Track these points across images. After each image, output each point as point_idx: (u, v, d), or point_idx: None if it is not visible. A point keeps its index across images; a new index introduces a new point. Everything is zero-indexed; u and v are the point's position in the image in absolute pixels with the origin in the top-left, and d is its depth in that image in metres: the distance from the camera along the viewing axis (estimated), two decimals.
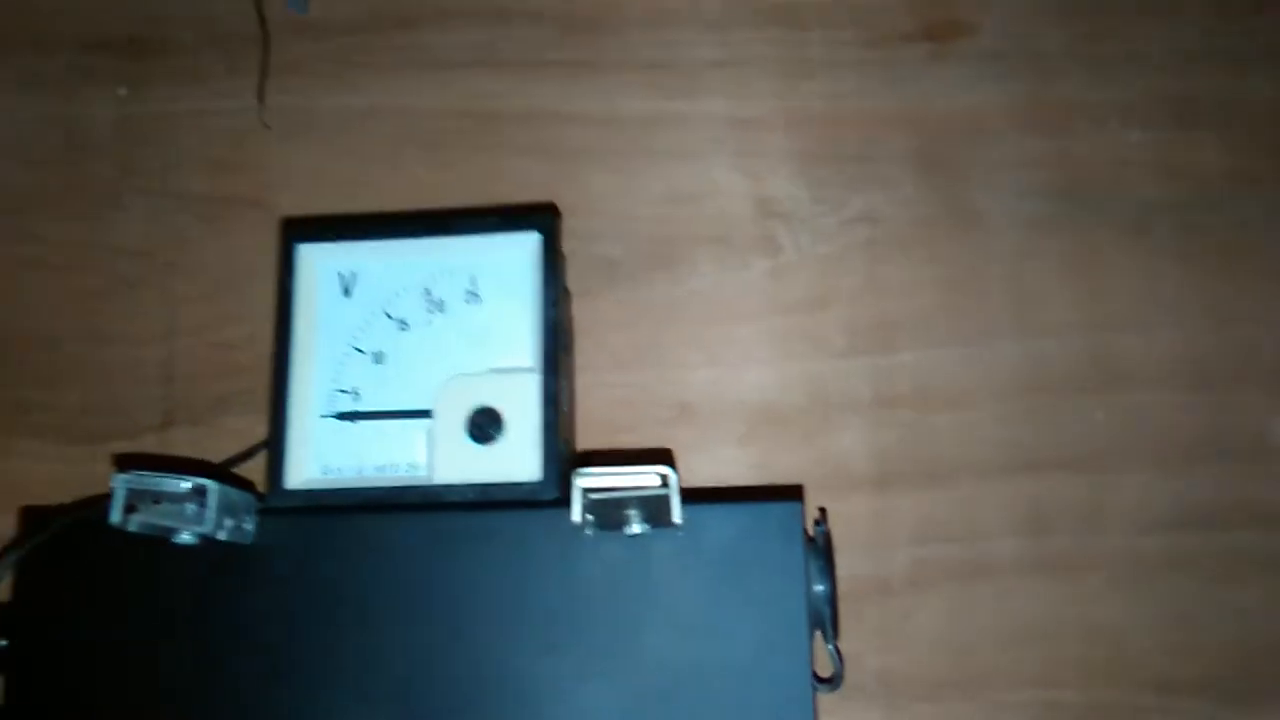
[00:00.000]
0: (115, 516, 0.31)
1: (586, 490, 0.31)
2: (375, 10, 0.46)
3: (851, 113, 0.44)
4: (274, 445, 0.36)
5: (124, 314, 0.44)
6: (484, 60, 0.46)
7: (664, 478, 0.31)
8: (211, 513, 0.32)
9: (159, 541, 0.33)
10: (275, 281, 0.41)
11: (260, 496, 0.35)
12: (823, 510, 0.37)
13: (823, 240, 0.43)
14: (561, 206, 0.43)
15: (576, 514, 0.31)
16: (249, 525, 0.34)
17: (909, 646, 0.40)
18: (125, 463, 0.41)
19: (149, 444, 0.43)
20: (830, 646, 0.35)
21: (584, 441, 0.41)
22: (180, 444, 0.43)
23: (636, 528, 0.33)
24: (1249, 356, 0.42)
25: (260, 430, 0.41)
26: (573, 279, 0.41)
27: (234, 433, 0.42)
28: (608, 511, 0.32)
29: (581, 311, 0.42)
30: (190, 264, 0.45)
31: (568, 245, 0.40)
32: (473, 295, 0.37)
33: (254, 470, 0.41)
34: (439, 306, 0.37)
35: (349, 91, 0.46)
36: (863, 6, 0.45)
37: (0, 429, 0.43)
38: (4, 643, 0.34)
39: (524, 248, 0.37)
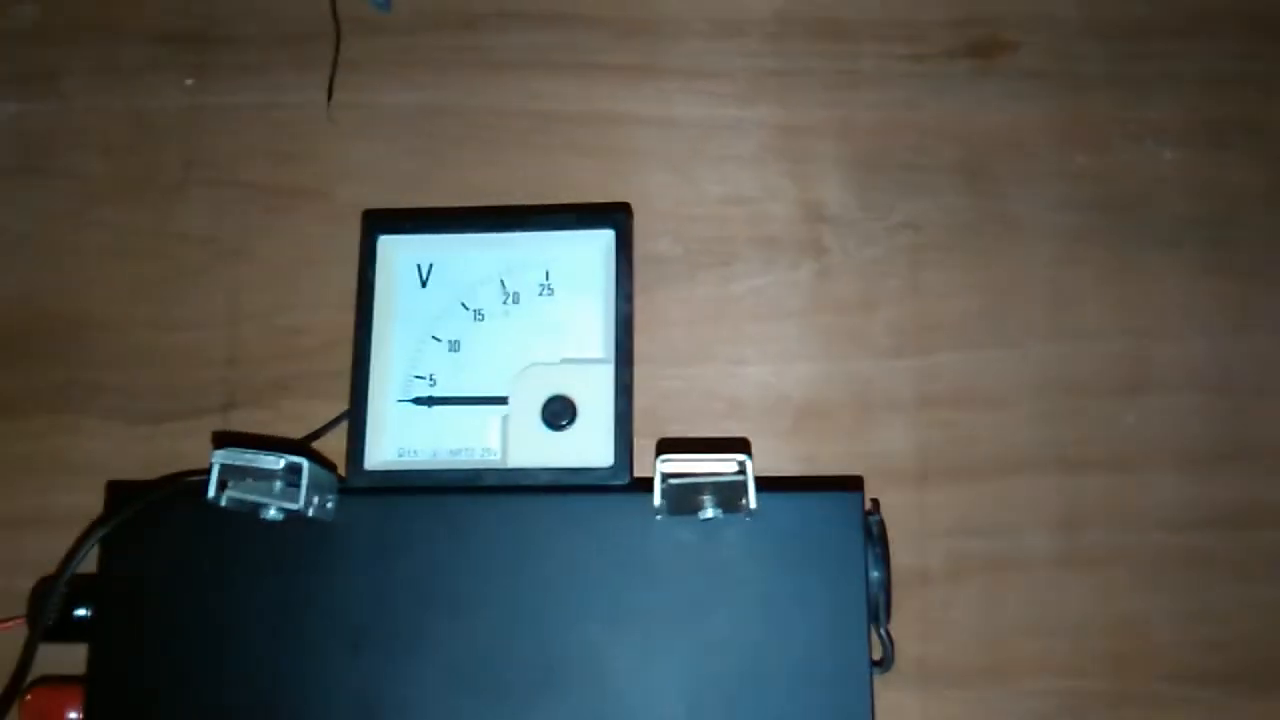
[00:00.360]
0: (211, 491, 0.33)
1: (667, 475, 0.32)
2: (438, 11, 0.48)
3: (898, 124, 0.46)
4: (354, 427, 0.37)
5: (189, 299, 0.45)
6: (542, 62, 0.47)
7: (742, 465, 0.32)
8: (303, 490, 0.33)
9: (243, 516, 0.34)
10: (344, 270, 0.43)
11: (340, 476, 0.37)
12: (875, 501, 0.39)
13: (869, 244, 0.45)
14: (619, 199, 0.45)
15: (657, 497, 0.33)
16: (331, 503, 0.36)
17: (946, 634, 0.42)
18: (221, 440, 0.42)
19: (211, 425, 0.44)
20: (883, 631, 0.37)
21: (636, 431, 0.42)
22: (242, 425, 0.44)
23: (710, 512, 0.34)
24: (1272, 364, 0.44)
25: (320, 413, 0.42)
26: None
27: (294, 415, 0.44)
28: (683, 496, 0.34)
29: (637, 307, 0.43)
30: (253, 251, 0.46)
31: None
32: (546, 288, 0.38)
33: (322, 447, 0.42)
34: (514, 298, 0.38)
35: (411, 89, 0.47)
36: (911, 23, 0.47)
37: (70, 409, 0.44)
38: (89, 613, 0.35)
39: (597, 244, 0.38)
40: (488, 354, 0.38)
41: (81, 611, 0.36)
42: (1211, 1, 0.47)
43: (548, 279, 0.38)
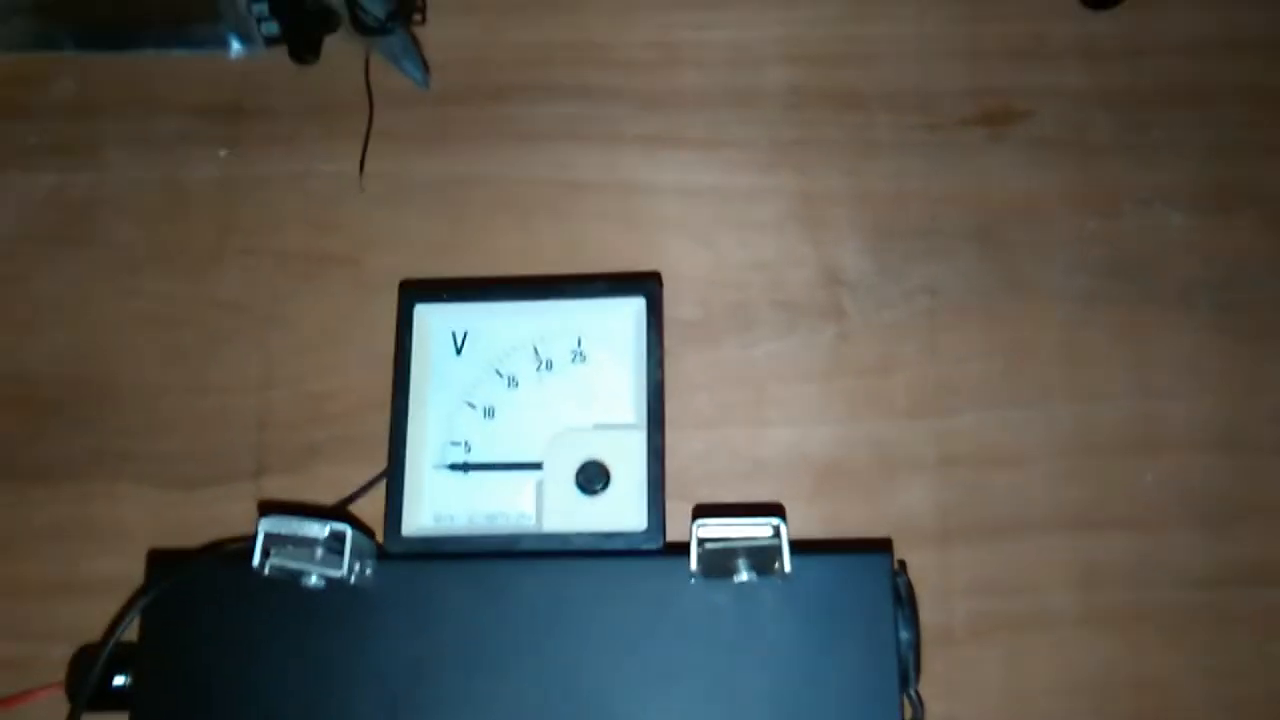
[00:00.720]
0: (256, 559, 0.33)
1: (703, 540, 0.33)
2: (468, 83, 0.49)
3: (914, 190, 0.48)
4: (391, 494, 0.38)
5: (221, 366, 0.46)
6: (569, 133, 0.49)
7: (776, 529, 0.33)
8: (346, 558, 0.34)
9: (282, 583, 0.35)
10: (374, 336, 0.44)
11: (378, 542, 0.37)
12: (902, 562, 0.39)
13: (887, 308, 0.46)
14: (646, 266, 0.46)
15: (694, 562, 0.33)
16: (370, 569, 0.36)
17: (971, 694, 0.42)
18: (264, 508, 0.42)
19: (243, 491, 0.45)
20: (912, 691, 0.37)
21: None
22: (273, 491, 0.45)
23: (744, 576, 0.35)
24: None
25: (351, 477, 0.43)
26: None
27: (325, 481, 0.44)
28: (718, 560, 0.34)
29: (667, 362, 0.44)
30: (285, 318, 0.47)
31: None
32: (579, 355, 0.39)
33: (354, 510, 0.43)
34: (547, 365, 0.39)
35: (441, 159, 0.48)
36: (924, 93, 0.49)
37: (103, 475, 0.45)
38: (127, 681, 0.36)
39: (629, 311, 0.39)
40: (522, 420, 0.39)
41: (120, 680, 0.37)
42: (1215, 72, 0.49)
43: (580, 346, 0.39)
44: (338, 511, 0.41)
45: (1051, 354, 0.46)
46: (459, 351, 0.39)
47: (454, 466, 0.39)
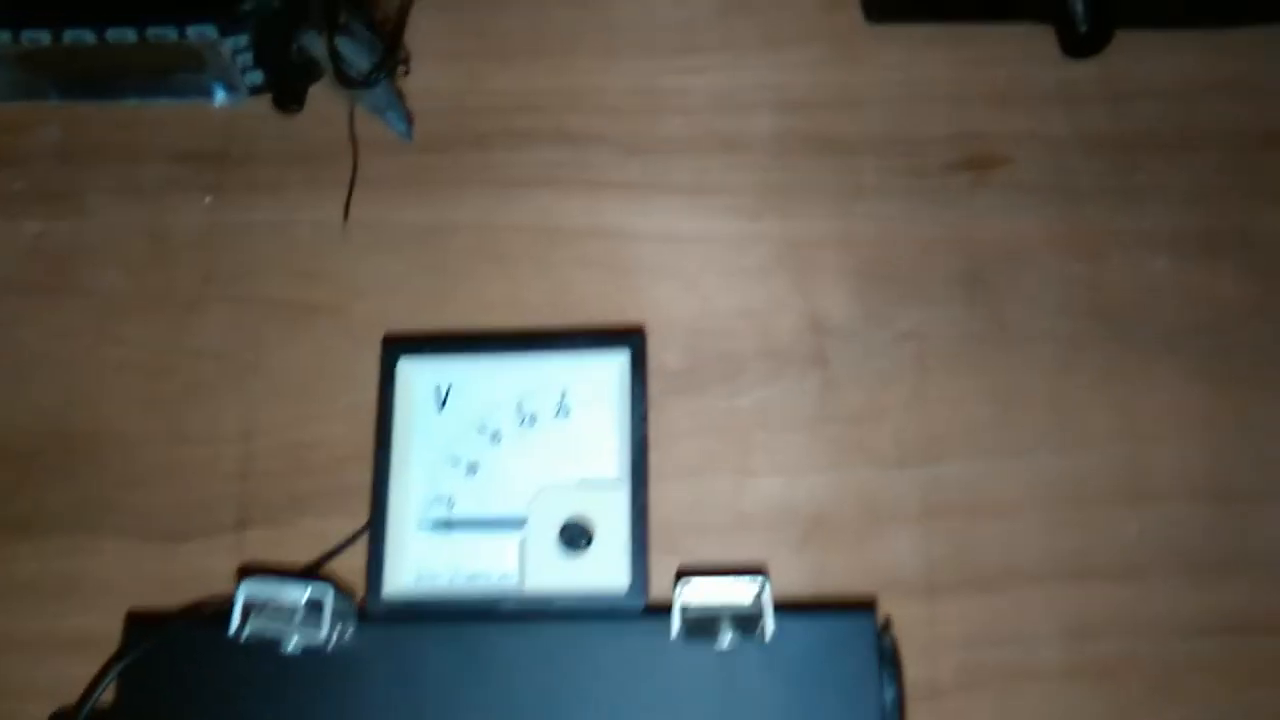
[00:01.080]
0: (234, 626, 0.33)
1: (686, 606, 0.33)
2: (452, 130, 0.49)
3: (901, 236, 0.47)
4: (372, 554, 0.37)
5: (203, 415, 0.46)
6: (553, 179, 0.49)
7: (759, 592, 0.33)
8: (325, 624, 0.33)
9: (263, 646, 0.35)
10: (357, 385, 0.44)
11: (357, 601, 0.37)
12: (887, 619, 0.39)
13: (873, 355, 0.46)
14: (626, 320, 0.46)
15: (676, 624, 0.33)
16: (350, 630, 0.36)
17: None
18: (246, 571, 0.42)
19: (226, 543, 0.44)
20: None
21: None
22: (256, 543, 0.44)
23: (728, 638, 0.34)
24: (1271, 470, 0.45)
25: (334, 529, 0.43)
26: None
27: (308, 533, 0.44)
28: (700, 623, 0.34)
29: (651, 415, 0.44)
30: (268, 367, 0.46)
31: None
32: (563, 409, 0.39)
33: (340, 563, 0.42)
34: (530, 420, 0.39)
35: (426, 207, 0.48)
36: (909, 138, 0.49)
37: (84, 528, 0.44)
38: None
39: (613, 365, 0.39)
40: (505, 476, 0.39)
41: None
42: (1197, 117, 0.49)
43: (564, 400, 0.39)
44: (318, 568, 0.41)
45: (1038, 400, 0.45)
46: (442, 406, 0.39)
47: (437, 524, 0.38)
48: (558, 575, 0.37)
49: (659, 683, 0.35)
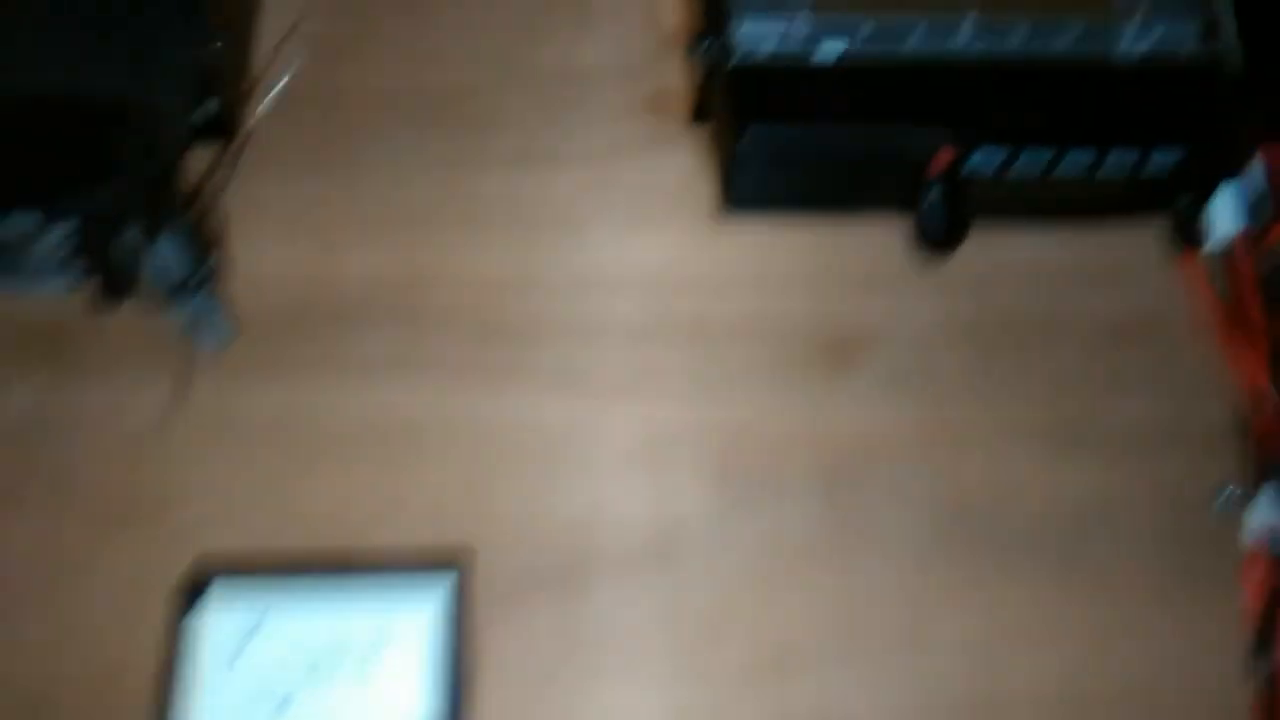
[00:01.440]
0: None
1: None
2: (296, 313, 0.47)
3: (759, 429, 0.46)
4: None
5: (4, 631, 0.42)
6: (402, 363, 0.47)
7: None
8: None
9: None
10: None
11: None
12: None
13: (727, 553, 0.44)
14: (470, 519, 0.44)
15: None
16: None
17: None
18: None
19: None
20: None
21: None
22: None
23: None
24: (1130, 677, 0.43)
25: None
26: (475, 598, 0.41)
27: None
28: None
29: (482, 637, 0.41)
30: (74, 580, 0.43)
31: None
32: (372, 659, 0.36)
33: None
34: (331, 677, 0.36)
35: (262, 394, 0.46)
36: (771, 330, 0.48)
37: None
38: None
39: (431, 601, 0.37)
40: None
41: None
42: (1058, 306, 0.49)
43: (371, 652, 0.36)
44: None
45: (893, 605, 0.44)
46: (232, 665, 0.36)
47: None
48: None
49: None
